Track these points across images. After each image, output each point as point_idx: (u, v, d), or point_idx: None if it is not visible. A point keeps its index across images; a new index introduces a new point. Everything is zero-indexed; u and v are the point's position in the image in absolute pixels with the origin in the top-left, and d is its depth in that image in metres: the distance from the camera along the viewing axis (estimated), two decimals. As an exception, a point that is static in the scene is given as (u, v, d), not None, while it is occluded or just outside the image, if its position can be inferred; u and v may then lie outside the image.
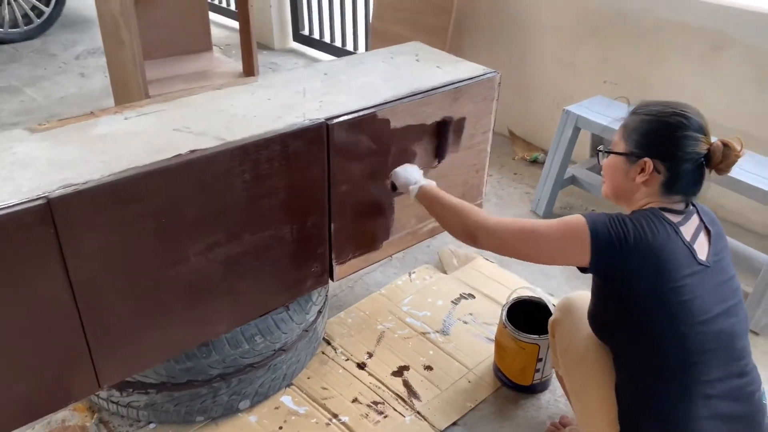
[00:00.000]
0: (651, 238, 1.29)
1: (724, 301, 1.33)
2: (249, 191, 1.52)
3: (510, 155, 3.45)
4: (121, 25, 2.72)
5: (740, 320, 1.35)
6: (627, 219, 1.33)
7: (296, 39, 4.99)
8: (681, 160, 1.34)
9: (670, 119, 1.35)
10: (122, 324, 1.44)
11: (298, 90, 1.77)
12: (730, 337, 1.32)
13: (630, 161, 1.39)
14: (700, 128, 1.34)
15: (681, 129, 1.33)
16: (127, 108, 1.63)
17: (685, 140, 1.33)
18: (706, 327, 1.29)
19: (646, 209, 1.37)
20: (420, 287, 2.42)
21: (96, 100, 4.01)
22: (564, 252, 1.36)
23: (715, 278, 1.33)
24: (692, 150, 1.33)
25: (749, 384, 1.34)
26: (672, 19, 2.76)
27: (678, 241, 1.31)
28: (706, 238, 1.37)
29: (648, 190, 1.38)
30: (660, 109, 1.37)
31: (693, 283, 1.29)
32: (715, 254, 1.35)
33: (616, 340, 1.42)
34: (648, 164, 1.36)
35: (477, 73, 1.93)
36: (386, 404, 1.93)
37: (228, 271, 1.57)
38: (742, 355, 1.34)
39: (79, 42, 5.02)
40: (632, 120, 1.41)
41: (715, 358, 1.30)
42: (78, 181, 1.28)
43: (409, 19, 3.59)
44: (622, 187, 1.43)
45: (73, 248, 1.29)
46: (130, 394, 1.74)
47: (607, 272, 1.34)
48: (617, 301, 1.36)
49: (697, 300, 1.29)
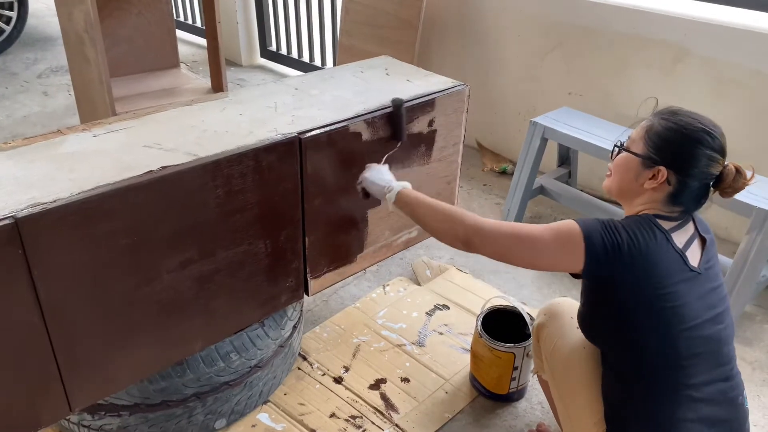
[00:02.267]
0: (643, 246, 1.30)
1: (713, 308, 1.34)
2: (222, 207, 1.51)
3: (479, 167, 3.49)
4: (87, 43, 2.68)
5: (727, 327, 1.37)
6: (620, 226, 1.33)
7: (264, 55, 4.99)
8: (694, 177, 1.34)
9: (696, 134, 1.33)
10: (94, 345, 1.40)
11: (269, 105, 1.77)
12: (718, 342, 1.34)
13: (645, 165, 1.37)
14: (720, 149, 1.34)
15: (703, 146, 1.32)
16: (96, 125, 1.61)
17: (704, 158, 1.32)
18: (694, 332, 1.31)
19: (639, 215, 1.37)
20: (394, 300, 2.42)
21: (60, 119, 3.94)
22: (559, 258, 1.36)
23: (705, 285, 1.34)
24: (707, 170, 1.33)
25: (734, 388, 1.36)
26: (633, 32, 2.85)
27: (669, 248, 1.32)
28: (699, 245, 1.38)
29: (653, 196, 1.38)
30: (688, 121, 1.35)
31: (683, 289, 1.31)
32: (706, 262, 1.37)
33: (605, 341, 1.43)
34: (662, 173, 1.35)
35: (447, 86, 1.96)
36: (364, 418, 1.92)
37: (202, 288, 1.55)
38: (727, 360, 1.36)
39: (41, 60, 4.93)
40: (658, 123, 1.38)
41: (702, 363, 1.32)
42: (46, 200, 1.25)
43: (376, 35, 3.63)
44: (629, 188, 1.42)
45: (42, 269, 1.26)
46: (102, 417, 1.69)
47: (600, 278, 1.35)
48: (608, 305, 1.37)
49: (687, 306, 1.31)
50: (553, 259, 1.37)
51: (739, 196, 2.16)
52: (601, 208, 2.74)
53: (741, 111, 2.62)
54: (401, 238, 2.06)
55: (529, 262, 1.41)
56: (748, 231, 2.20)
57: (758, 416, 1.98)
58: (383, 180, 1.65)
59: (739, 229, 2.66)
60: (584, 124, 2.76)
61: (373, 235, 1.94)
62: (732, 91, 2.63)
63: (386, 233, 1.99)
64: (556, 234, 1.35)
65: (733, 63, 2.60)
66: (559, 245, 1.34)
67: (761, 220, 2.15)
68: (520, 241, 1.37)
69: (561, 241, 1.34)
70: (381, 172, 1.69)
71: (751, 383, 2.10)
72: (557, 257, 1.36)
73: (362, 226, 1.89)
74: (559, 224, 1.36)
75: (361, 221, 1.88)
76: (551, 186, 2.92)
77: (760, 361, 2.19)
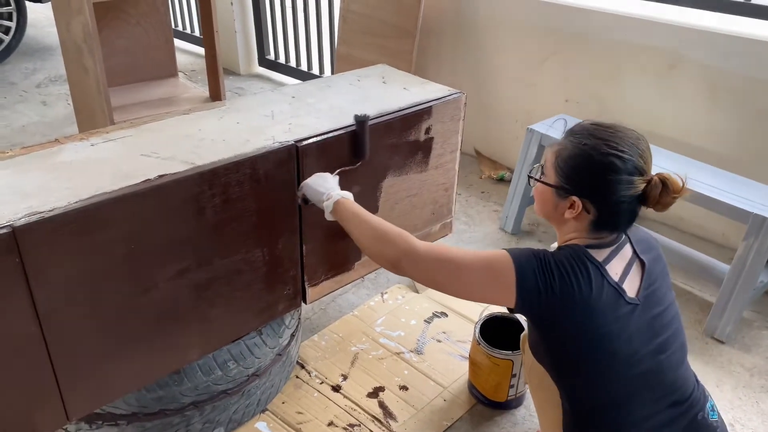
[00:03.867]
0: (576, 288, 1.23)
1: (655, 337, 1.29)
2: (219, 215, 1.51)
3: (477, 174, 3.50)
4: (85, 53, 2.70)
5: (674, 353, 1.31)
6: (553, 264, 1.26)
7: (262, 64, 5.00)
8: (613, 204, 1.26)
9: (604, 159, 1.23)
10: (91, 354, 1.40)
11: (266, 113, 1.78)
12: (658, 374, 1.29)
13: (559, 195, 1.31)
14: (635, 169, 1.23)
15: (614, 172, 1.23)
16: (93, 134, 1.62)
17: (617, 184, 1.23)
18: (630, 371, 1.27)
19: (571, 246, 1.30)
20: (393, 307, 2.42)
21: (59, 128, 3.95)
22: (489, 292, 1.29)
23: (646, 314, 1.29)
24: (625, 194, 1.24)
25: (690, 408, 1.31)
26: (628, 39, 2.86)
27: (604, 283, 1.25)
28: (638, 271, 1.32)
29: (577, 225, 1.31)
30: (594, 144, 1.25)
31: (620, 326, 1.25)
32: (647, 288, 1.30)
33: (550, 371, 1.38)
34: (577, 204, 1.28)
35: (443, 94, 1.97)
36: (362, 426, 1.92)
37: (199, 296, 1.55)
38: (676, 388, 1.31)
39: (40, 70, 4.95)
40: (564, 148, 1.30)
41: (640, 399, 1.28)
42: (44, 209, 1.26)
43: (373, 44, 3.64)
44: (552, 216, 1.36)
45: (39, 278, 1.26)
46: (100, 426, 1.69)
47: (533, 316, 1.30)
48: (547, 342, 1.33)
49: (624, 344, 1.25)
50: (483, 291, 1.30)
51: (735, 202, 2.21)
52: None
53: (735, 117, 2.63)
54: (399, 246, 2.06)
55: (458, 292, 1.33)
56: (745, 237, 2.20)
57: (758, 423, 1.98)
58: (324, 187, 1.54)
59: (737, 235, 2.66)
60: (581, 131, 2.76)
61: (370, 242, 1.94)
62: (726, 98, 2.65)
63: (384, 241, 1.99)
64: (487, 265, 1.28)
65: (726, 69, 2.62)
66: (490, 278, 1.27)
67: (758, 226, 2.16)
68: (447, 267, 1.30)
69: (492, 274, 1.27)
70: (325, 179, 1.58)
71: (750, 389, 2.10)
72: (487, 290, 1.29)
73: (360, 234, 1.90)
74: (491, 256, 1.29)
75: (359, 229, 1.89)
76: (549, 193, 2.92)
77: (759, 367, 2.19)
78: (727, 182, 2.35)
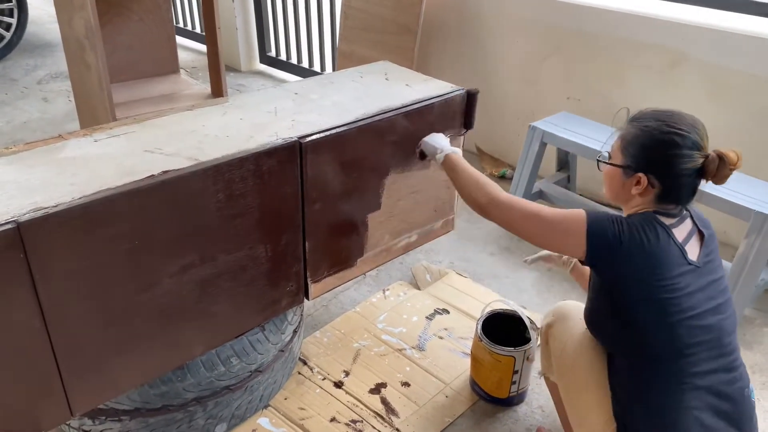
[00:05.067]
0: (645, 240, 1.35)
1: (713, 299, 1.38)
2: (223, 211, 1.51)
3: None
4: (87, 49, 2.69)
5: (728, 317, 1.40)
6: (624, 222, 1.39)
7: (263, 61, 5.00)
8: (675, 177, 1.39)
9: (665, 138, 1.38)
10: (95, 349, 1.41)
11: (269, 110, 1.78)
12: (719, 332, 1.37)
13: (626, 174, 1.44)
14: (694, 144, 1.37)
15: (675, 148, 1.37)
16: (97, 130, 1.62)
17: (679, 158, 1.37)
18: (694, 321, 1.35)
19: (641, 213, 1.43)
20: (395, 304, 2.43)
21: (60, 125, 3.94)
22: (561, 241, 1.44)
23: (704, 278, 1.38)
24: (686, 167, 1.37)
25: (738, 379, 1.39)
26: (631, 37, 2.86)
27: (670, 242, 1.37)
28: (698, 240, 1.43)
29: (643, 199, 1.44)
30: (656, 126, 1.40)
31: (683, 281, 1.35)
32: (705, 255, 1.41)
33: (610, 336, 1.47)
34: (643, 180, 1.41)
35: (446, 91, 1.97)
36: (364, 422, 1.92)
37: (202, 292, 1.55)
38: (730, 351, 1.39)
39: (41, 66, 4.95)
40: (629, 132, 1.44)
41: (703, 351, 1.35)
42: (48, 205, 1.26)
43: (375, 40, 3.64)
44: (620, 195, 1.49)
45: (43, 273, 1.27)
46: (103, 421, 1.69)
47: (601, 268, 1.41)
48: (611, 296, 1.42)
49: (686, 296, 1.35)
50: (554, 238, 1.45)
51: (737, 200, 2.21)
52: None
53: (737, 114, 2.63)
54: (401, 243, 2.06)
55: (532, 237, 1.50)
56: (747, 234, 2.20)
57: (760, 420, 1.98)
58: (438, 144, 1.80)
59: (738, 232, 2.66)
60: (583, 128, 2.77)
61: (373, 239, 1.94)
62: (728, 95, 2.65)
63: (386, 237, 1.99)
64: (563, 217, 1.43)
65: (729, 67, 2.61)
66: (562, 226, 1.42)
67: (760, 223, 2.16)
68: (526, 215, 1.48)
69: (566, 226, 1.42)
70: (440, 138, 1.84)
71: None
72: (559, 237, 1.44)
73: (362, 231, 1.90)
74: (569, 210, 1.44)
75: (361, 225, 1.89)
76: (550, 190, 2.92)
77: (760, 365, 2.20)
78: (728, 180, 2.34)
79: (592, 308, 1.51)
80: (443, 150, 1.75)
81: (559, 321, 1.65)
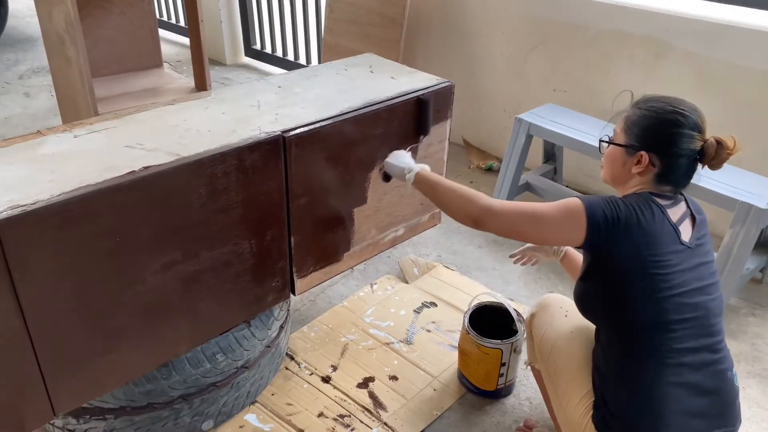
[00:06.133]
0: (641, 216, 1.38)
1: (702, 280, 1.41)
2: (205, 207, 1.50)
3: (465, 164, 3.49)
4: (67, 43, 2.65)
5: (715, 299, 1.43)
6: (620, 201, 1.42)
7: (248, 54, 4.96)
8: (675, 156, 1.42)
9: (668, 116, 1.42)
10: (77, 348, 1.39)
11: (252, 103, 1.76)
12: (705, 311, 1.40)
13: (628, 153, 1.47)
14: (695, 126, 1.41)
15: (677, 126, 1.41)
16: (77, 126, 1.59)
17: (680, 137, 1.41)
18: (682, 298, 1.37)
19: (637, 193, 1.46)
20: (382, 298, 2.42)
21: (42, 120, 3.89)
22: (564, 230, 1.44)
23: (695, 259, 1.41)
24: (686, 147, 1.41)
25: (722, 362, 1.41)
26: (616, 28, 2.86)
27: (665, 220, 1.40)
28: (690, 223, 1.46)
29: (642, 179, 1.47)
30: (660, 106, 1.44)
31: (675, 258, 1.38)
32: (697, 239, 1.44)
33: (599, 311, 1.49)
34: (644, 158, 1.44)
35: (432, 83, 1.95)
36: (352, 417, 1.92)
37: (186, 289, 1.54)
38: (715, 332, 1.41)
39: (22, 61, 4.87)
40: (633, 113, 1.48)
41: (689, 329, 1.37)
42: (26, 202, 1.23)
43: (361, 33, 3.62)
44: (619, 175, 1.51)
45: (22, 272, 1.24)
46: (87, 420, 1.68)
47: (599, 247, 1.42)
48: (604, 273, 1.44)
49: (677, 273, 1.37)
50: (558, 232, 1.46)
51: (722, 190, 2.22)
52: (587, 203, 2.75)
53: (722, 105, 2.64)
54: (388, 236, 2.05)
55: (537, 237, 1.54)
56: (732, 224, 2.22)
57: (744, 408, 1.99)
58: (404, 163, 1.75)
59: (723, 222, 2.68)
60: (569, 120, 2.77)
61: (359, 233, 1.93)
62: (713, 86, 2.65)
63: (373, 231, 1.98)
64: (561, 209, 1.44)
65: (714, 58, 2.62)
66: (563, 218, 1.43)
67: (744, 213, 2.17)
68: (527, 218, 1.47)
69: (566, 215, 1.42)
70: (402, 156, 1.79)
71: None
72: (562, 230, 1.44)
73: (348, 225, 1.89)
74: (564, 201, 1.45)
75: (348, 220, 1.88)
76: (537, 182, 2.93)
77: (745, 354, 2.22)
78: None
79: (584, 289, 1.52)
80: (411, 169, 1.69)
81: (540, 311, 1.71)
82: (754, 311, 2.41)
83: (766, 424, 1.95)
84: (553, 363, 1.59)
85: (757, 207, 2.16)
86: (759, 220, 2.17)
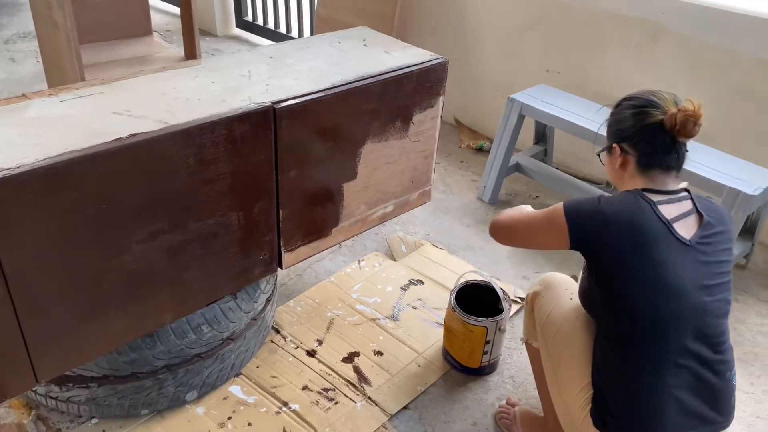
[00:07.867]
0: (624, 211, 1.39)
1: (703, 279, 1.37)
2: (193, 177, 1.48)
3: (456, 143, 3.48)
4: (54, 7, 2.59)
5: (717, 300, 1.39)
6: (603, 198, 1.43)
7: (239, 25, 4.88)
8: (638, 135, 1.44)
9: (621, 105, 1.49)
10: (61, 316, 1.38)
11: (243, 73, 1.73)
12: (703, 311, 1.37)
13: (610, 154, 1.52)
14: (646, 102, 1.43)
15: (629, 109, 1.46)
16: (63, 90, 1.56)
17: (634, 117, 1.44)
18: (679, 298, 1.35)
19: (627, 191, 1.46)
20: (369, 274, 2.42)
21: (27, 86, 3.82)
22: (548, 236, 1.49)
23: (695, 257, 1.37)
24: (643, 123, 1.42)
25: (722, 362, 1.39)
26: (612, 10, 2.84)
27: (653, 216, 1.37)
28: (696, 221, 1.42)
29: (630, 173, 1.48)
30: (619, 102, 1.51)
31: (668, 257, 1.35)
32: (702, 237, 1.39)
33: (598, 311, 1.48)
34: (615, 149, 1.48)
35: (426, 59, 1.93)
36: (337, 390, 1.93)
37: (172, 259, 1.52)
38: (716, 333, 1.38)
39: (8, 26, 4.77)
40: (608, 118, 1.55)
41: (688, 330, 1.35)
42: (9, 166, 1.21)
43: (354, 6, 3.57)
44: (615, 178, 1.54)
45: (5, 238, 1.22)
46: (70, 388, 1.67)
47: (585, 248, 1.43)
48: (598, 273, 1.43)
49: (671, 272, 1.34)
50: (544, 237, 1.51)
51: (710, 175, 2.23)
52: (576, 186, 2.76)
53: (716, 91, 2.64)
54: (377, 213, 2.05)
55: (526, 243, 1.63)
56: (719, 210, 2.22)
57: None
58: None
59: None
60: (561, 101, 2.76)
61: (348, 208, 1.92)
62: (707, 70, 2.65)
63: (362, 207, 1.97)
64: (545, 216, 1.49)
65: (709, 42, 2.61)
66: (548, 224, 1.47)
67: (732, 199, 2.18)
68: (516, 226, 1.57)
69: (549, 221, 1.47)
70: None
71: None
72: (548, 235, 1.49)
73: (338, 200, 1.88)
74: (551, 207, 1.48)
75: (337, 194, 1.87)
76: (527, 164, 2.92)
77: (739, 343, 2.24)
78: (702, 155, 2.36)
79: (584, 288, 1.52)
80: None
81: (545, 290, 1.67)
82: (738, 297, 2.44)
83: (744, 406, 1.99)
84: (556, 347, 1.56)
85: (744, 193, 2.17)
86: (746, 206, 2.18)
